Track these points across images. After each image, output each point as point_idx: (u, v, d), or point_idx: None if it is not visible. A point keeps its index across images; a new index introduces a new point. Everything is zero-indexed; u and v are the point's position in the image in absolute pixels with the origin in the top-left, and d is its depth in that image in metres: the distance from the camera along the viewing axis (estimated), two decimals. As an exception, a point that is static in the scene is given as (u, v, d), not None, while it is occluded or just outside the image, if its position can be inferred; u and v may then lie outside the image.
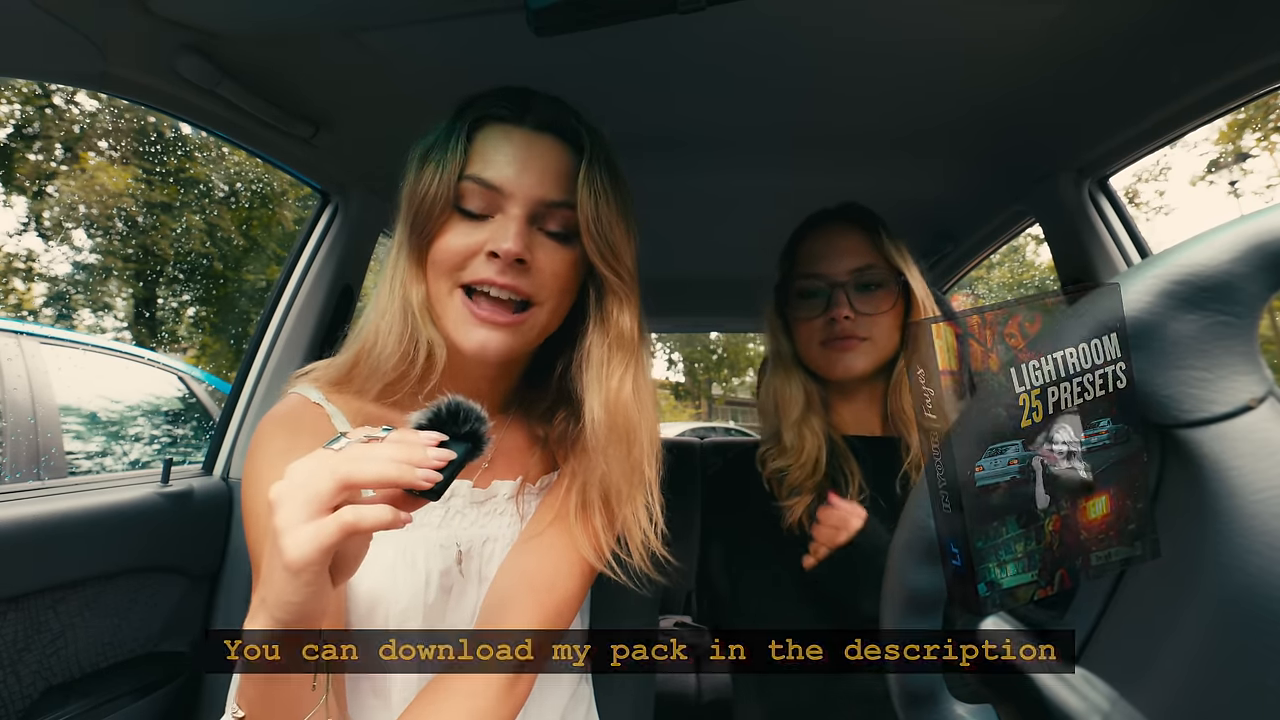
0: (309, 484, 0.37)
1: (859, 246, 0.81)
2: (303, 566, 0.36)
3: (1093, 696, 0.26)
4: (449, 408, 0.43)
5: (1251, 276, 0.25)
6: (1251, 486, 0.23)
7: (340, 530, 0.36)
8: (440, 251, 0.56)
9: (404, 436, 0.41)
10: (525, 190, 0.56)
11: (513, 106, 0.58)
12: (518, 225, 0.55)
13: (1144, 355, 0.26)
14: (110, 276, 10.73)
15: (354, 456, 0.38)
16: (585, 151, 0.58)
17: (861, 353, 0.79)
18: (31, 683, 0.74)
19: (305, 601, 0.37)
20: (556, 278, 0.57)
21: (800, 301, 0.84)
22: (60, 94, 9.41)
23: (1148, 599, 0.27)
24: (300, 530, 0.36)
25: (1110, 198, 1.03)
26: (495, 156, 0.56)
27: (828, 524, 0.72)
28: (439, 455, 0.39)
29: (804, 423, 0.82)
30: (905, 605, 0.31)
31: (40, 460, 1.72)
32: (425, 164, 0.57)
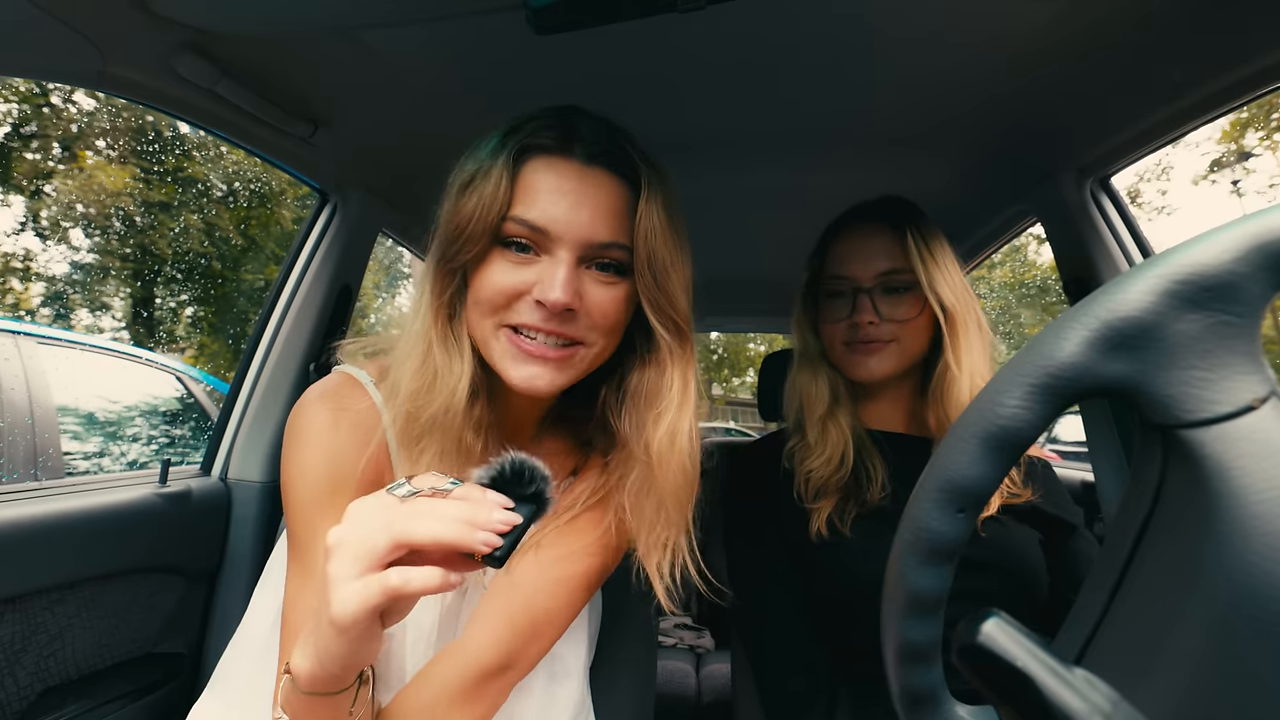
0: (364, 538, 0.36)
1: (888, 249, 0.79)
2: (349, 625, 0.35)
3: (1094, 698, 0.26)
4: (514, 467, 0.41)
5: (1254, 276, 0.25)
6: (1254, 487, 0.23)
7: (384, 593, 0.35)
8: (484, 289, 0.53)
9: (469, 494, 0.39)
10: (574, 232, 0.52)
11: (560, 135, 0.54)
12: (566, 272, 0.51)
13: (1145, 355, 0.26)
14: (108, 276, 10.71)
15: (414, 513, 0.37)
16: (642, 188, 0.54)
17: (886, 356, 0.78)
18: (28, 684, 0.74)
19: (349, 655, 0.37)
20: (606, 318, 0.55)
21: (826, 302, 0.84)
22: (58, 93, 9.39)
23: (1149, 600, 0.27)
24: (348, 586, 0.35)
25: (1112, 197, 1.02)
26: (541, 194, 0.52)
27: None
28: (504, 519, 0.38)
29: (829, 418, 0.81)
30: (906, 606, 0.31)
31: (38, 461, 1.71)
32: (466, 194, 0.53)
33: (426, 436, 0.53)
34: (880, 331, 0.78)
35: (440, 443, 0.53)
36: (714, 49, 0.76)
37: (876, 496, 0.76)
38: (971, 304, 0.78)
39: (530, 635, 0.55)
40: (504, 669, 0.53)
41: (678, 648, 1.79)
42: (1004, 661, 0.27)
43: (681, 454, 0.57)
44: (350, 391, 0.58)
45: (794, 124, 0.95)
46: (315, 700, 0.42)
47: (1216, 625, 0.23)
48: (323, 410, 0.56)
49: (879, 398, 0.85)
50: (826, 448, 0.79)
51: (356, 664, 0.39)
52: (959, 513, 0.29)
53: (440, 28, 0.71)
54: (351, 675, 0.41)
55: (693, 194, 1.21)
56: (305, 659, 0.40)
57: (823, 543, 0.74)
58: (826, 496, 0.76)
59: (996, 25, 0.71)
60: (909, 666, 0.31)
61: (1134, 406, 0.27)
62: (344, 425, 0.55)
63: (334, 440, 0.54)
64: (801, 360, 0.86)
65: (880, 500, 0.75)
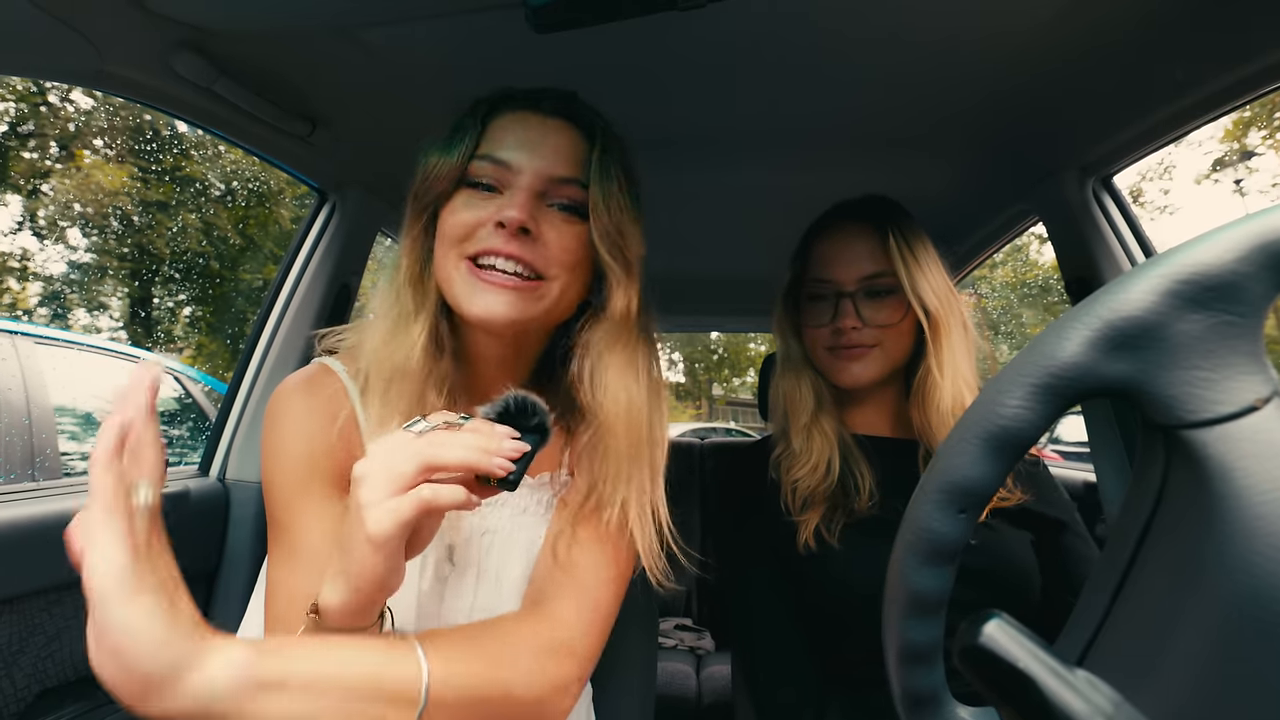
0: (392, 464, 0.39)
1: (870, 251, 0.77)
2: (384, 540, 0.38)
3: (1096, 699, 0.26)
4: (516, 402, 0.45)
5: (1256, 276, 0.25)
6: (1257, 488, 0.23)
7: (418, 506, 0.39)
8: (448, 225, 0.57)
9: (480, 426, 0.43)
10: (534, 166, 0.56)
11: (527, 94, 0.60)
12: (524, 196, 0.55)
13: (1148, 355, 0.26)
14: (106, 276, 10.69)
15: (436, 441, 0.41)
16: (598, 138, 0.59)
17: (870, 361, 0.77)
18: (26, 685, 0.73)
19: (385, 573, 0.40)
20: (566, 251, 0.57)
21: (809, 305, 0.82)
22: (55, 91, 9.37)
23: (1152, 601, 0.26)
24: (382, 506, 0.38)
25: (1114, 196, 1.02)
26: (508, 137, 0.57)
27: None
28: (514, 446, 0.42)
29: (814, 425, 0.80)
30: (907, 607, 0.31)
31: (35, 461, 1.71)
32: (436, 148, 0.58)
33: (395, 385, 0.55)
34: (864, 336, 0.76)
35: (410, 392, 0.55)
36: (714, 48, 0.76)
37: (865, 505, 0.74)
38: (955, 306, 0.77)
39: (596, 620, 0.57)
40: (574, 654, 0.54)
41: (678, 649, 1.79)
42: (1005, 663, 0.26)
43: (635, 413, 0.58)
44: (324, 379, 0.60)
45: (794, 123, 0.95)
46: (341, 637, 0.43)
47: (1219, 626, 0.23)
48: (297, 398, 0.58)
49: (864, 402, 0.84)
50: (812, 455, 0.77)
51: (388, 586, 0.41)
52: (960, 513, 0.29)
53: (438, 25, 0.71)
54: (381, 602, 0.43)
55: (692, 193, 1.22)
56: (336, 591, 0.41)
57: (810, 555, 0.73)
58: (813, 507, 0.75)
59: (998, 23, 0.71)
60: (910, 668, 0.31)
61: (1136, 407, 0.27)
62: (317, 410, 0.57)
63: (309, 424, 0.56)
64: (784, 365, 0.85)
65: (868, 509, 0.74)
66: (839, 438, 0.79)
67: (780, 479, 0.79)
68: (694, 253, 1.57)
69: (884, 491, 0.75)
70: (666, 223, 1.36)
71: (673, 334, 8.54)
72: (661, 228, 1.39)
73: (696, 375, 27.15)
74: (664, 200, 1.23)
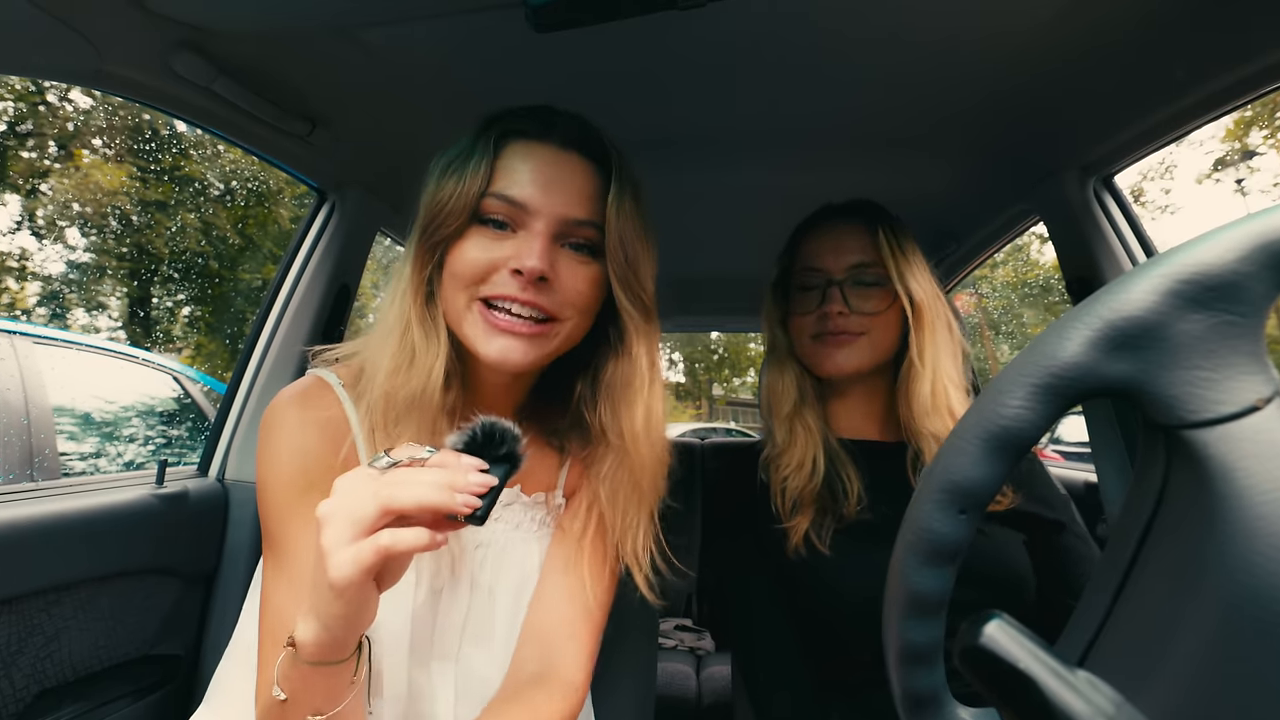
0: (354, 507, 0.38)
1: (860, 244, 0.79)
2: (345, 586, 0.38)
3: (1097, 700, 0.26)
4: (485, 430, 0.43)
5: (1258, 276, 0.24)
6: (1258, 488, 0.23)
7: (377, 554, 0.38)
8: (459, 263, 0.55)
9: (446, 460, 0.41)
10: (551, 208, 0.55)
11: (537, 123, 0.58)
12: (542, 243, 0.54)
13: (1149, 355, 0.26)
14: (104, 275, 10.68)
15: (397, 481, 0.39)
16: (613, 172, 0.58)
17: (854, 349, 0.77)
18: (25, 686, 0.73)
19: (350, 615, 0.40)
20: (580, 295, 0.57)
21: (797, 295, 0.83)
22: (54, 91, 9.35)
23: (1153, 602, 0.26)
24: (343, 552, 0.38)
25: (1115, 196, 1.01)
26: (520, 173, 0.55)
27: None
28: (481, 481, 0.40)
29: (796, 418, 0.80)
30: (908, 607, 0.31)
31: (34, 461, 1.71)
32: (447, 176, 0.56)
33: (404, 419, 0.55)
34: (849, 324, 0.77)
35: (416, 426, 0.55)
36: (714, 48, 0.76)
37: (853, 510, 0.74)
38: (942, 309, 0.78)
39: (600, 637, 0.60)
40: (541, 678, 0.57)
41: (678, 649, 1.79)
42: (1006, 663, 0.26)
43: (655, 441, 0.61)
44: (319, 393, 0.60)
45: (795, 123, 0.95)
46: (319, 671, 0.42)
47: (1220, 627, 0.23)
48: (291, 411, 0.57)
49: (849, 400, 0.83)
50: (795, 451, 0.77)
51: (358, 626, 0.41)
52: (960, 514, 0.29)
53: (438, 25, 0.71)
54: (353, 640, 0.43)
55: (693, 193, 1.21)
56: (309, 629, 0.41)
57: (801, 560, 0.73)
58: (802, 511, 0.75)
59: (998, 22, 0.71)
60: (911, 668, 0.31)
61: (1137, 407, 0.27)
62: (312, 425, 0.57)
63: (302, 439, 0.56)
64: (769, 357, 0.86)
65: (857, 514, 0.74)
66: (823, 438, 0.79)
67: (770, 480, 0.79)
68: (694, 253, 1.57)
69: (872, 496, 0.75)
70: (667, 223, 1.35)
71: (673, 334, 8.51)
72: (662, 228, 1.38)
73: (696, 375, 27.15)
74: (664, 200, 1.23)
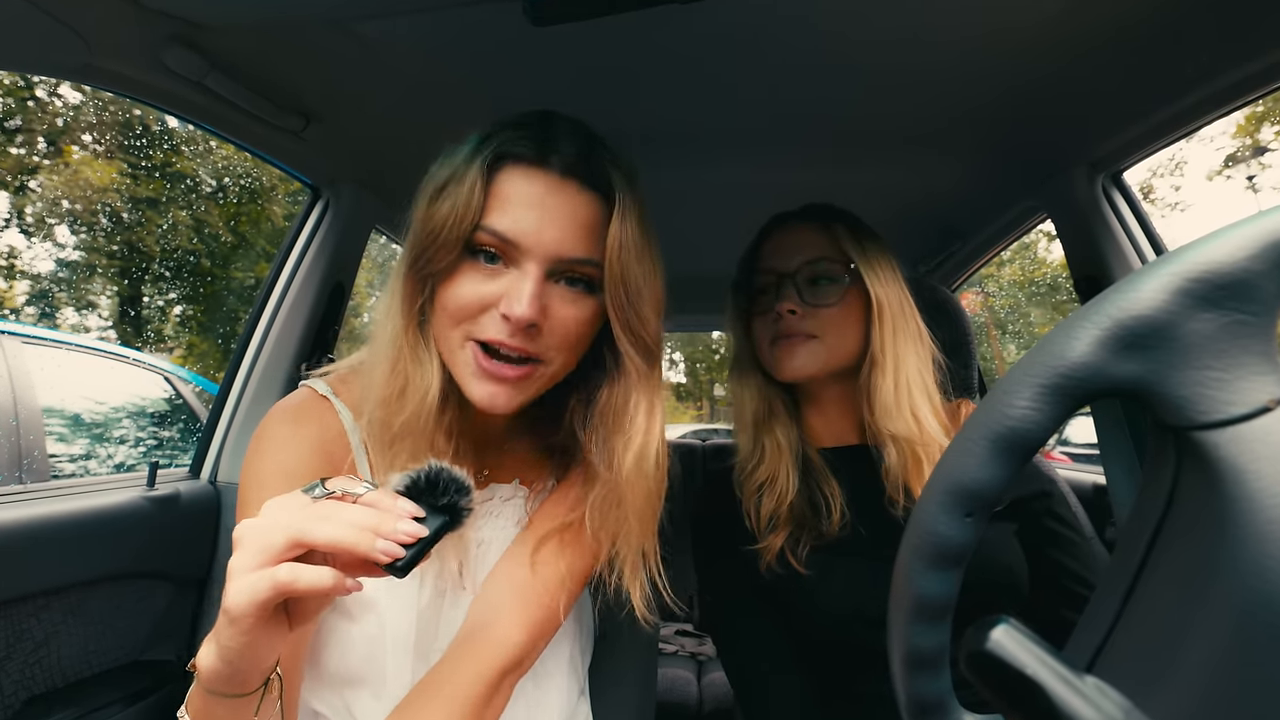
0: (265, 533, 0.36)
1: (814, 241, 0.77)
2: (238, 616, 0.35)
3: (1106, 706, 0.25)
4: (429, 476, 0.40)
5: (1269, 274, 0.24)
6: (1270, 490, 0.23)
7: (273, 588, 0.35)
8: (451, 299, 0.53)
9: (378, 502, 0.38)
10: (544, 246, 0.51)
11: (536, 144, 0.53)
12: (533, 286, 0.51)
13: (1159, 355, 0.25)
14: (95, 274, 10.57)
15: (316, 515, 0.37)
16: (615, 204, 0.53)
17: (809, 351, 0.74)
18: (13, 693, 0.72)
19: (243, 649, 0.36)
20: (568, 335, 0.54)
21: (756, 297, 0.81)
22: (43, 86, 9.24)
23: (1162, 606, 0.26)
24: (241, 579, 0.35)
25: (1124, 193, 1.00)
26: (514, 205, 0.51)
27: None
28: (409, 530, 0.37)
29: (761, 428, 0.77)
30: (913, 612, 0.30)
31: (23, 463, 1.68)
32: (440, 200, 0.52)
33: (399, 442, 0.54)
34: (803, 324, 0.74)
35: (413, 448, 0.53)
36: (720, 44, 0.75)
37: (835, 527, 0.71)
38: (909, 310, 0.76)
39: (541, 634, 0.57)
40: (518, 666, 0.54)
41: (679, 655, 1.78)
42: (1013, 669, 0.26)
43: (647, 476, 0.57)
44: (314, 407, 0.58)
45: (800, 121, 0.94)
46: (219, 702, 0.40)
47: (1232, 632, 0.23)
48: (283, 427, 0.56)
49: (824, 408, 0.80)
50: (764, 465, 0.75)
51: (255, 661, 0.38)
52: (967, 516, 0.29)
53: (433, 18, 0.70)
54: (253, 676, 0.39)
55: (696, 191, 1.21)
56: (208, 654, 0.38)
57: (775, 578, 0.71)
58: (779, 528, 0.72)
59: (1005, 18, 0.70)
60: (916, 673, 0.31)
61: (1147, 407, 0.26)
62: (304, 441, 0.55)
63: (289, 456, 0.54)
64: (733, 364, 0.84)
65: (840, 532, 0.71)
66: (798, 452, 0.76)
67: (742, 497, 0.76)
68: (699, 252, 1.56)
69: (856, 507, 0.73)
70: (671, 222, 1.34)
71: (674, 334, 8.52)
72: (666, 227, 1.37)
73: (698, 375, 27.15)
74: (669, 199, 1.22)
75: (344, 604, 0.55)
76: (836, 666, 0.71)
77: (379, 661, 0.55)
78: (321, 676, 0.56)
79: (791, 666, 0.72)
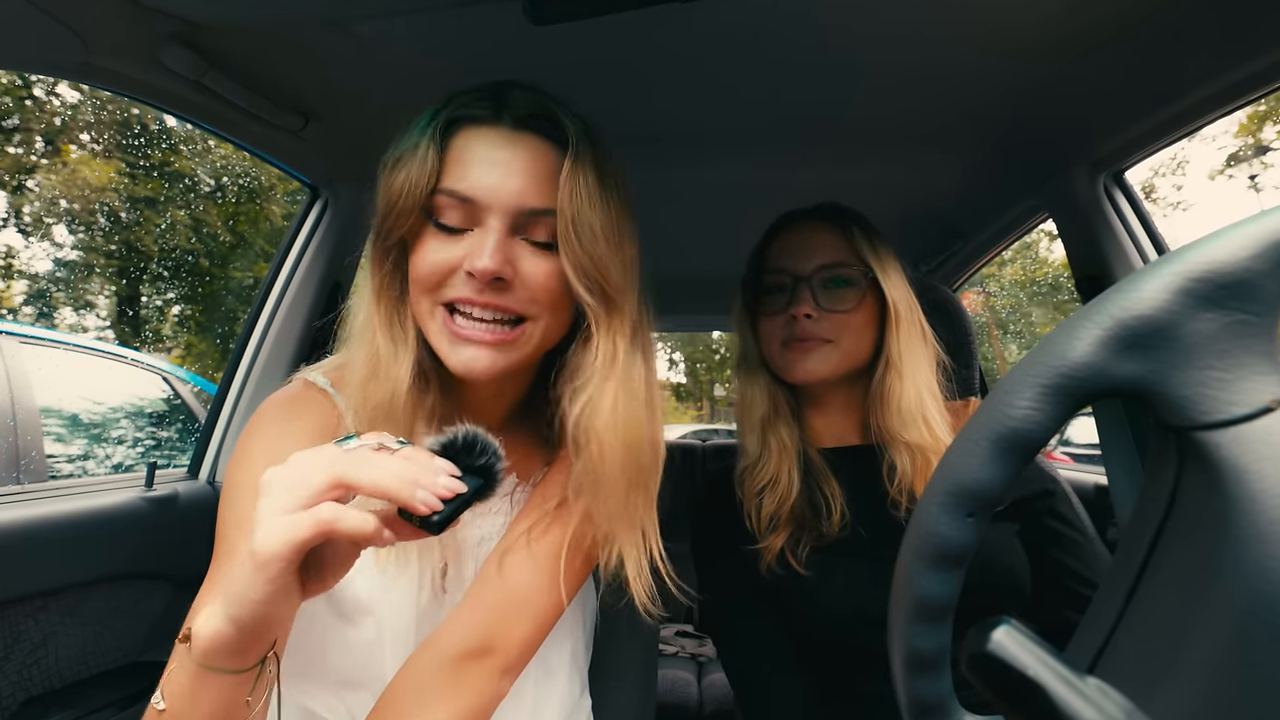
0: (302, 475, 0.35)
1: (830, 243, 0.77)
2: (270, 559, 0.33)
3: (1107, 707, 0.25)
4: (466, 438, 0.40)
5: (1271, 274, 0.24)
6: (1272, 491, 0.23)
7: (315, 526, 0.33)
8: (418, 268, 0.52)
9: (416, 455, 0.38)
10: (504, 200, 0.50)
11: (488, 104, 0.52)
12: (495, 239, 0.50)
13: (1160, 355, 0.25)
14: (92, 274, 10.55)
15: (357, 459, 0.36)
16: (570, 148, 0.52)
17: (823, 355, 0.74)
18: (10, 694, 0.72)
19: (264, 601, 0.34)
20: (547, 290, 0.52)
21: (765, 297, 0.80)
22: (41, 85, 9.22)
23: (1164, 607, 0.26)
24: (276, 520, 0.34)
25: (1126, 192, 1.00)
26: (470, 165, 0.51)
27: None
28: (448, 485, 0.37)
29: (768, 428, 0.76)
30: (914, 613, 0.30)
31: (20, 464, 1.68)
32: (396, 171, 0.52)
33: (376, 426, 0.52)
34: (818, 328, 0.74)
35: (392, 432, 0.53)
36: (720, 43, 0.75)
37: (835, 528, 0.71)
38: (917, 314, 0.76)
39: (506, 613, 0.53)
40: (483, 651, 0.51)
41: (679, 656, 1.78)
42: (1014, 670, 0.26)
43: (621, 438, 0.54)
44: (311, 398, 0.58)
45: (801, 120, 0.94)
46: (210, 677, 0.37)
47: (1234, 633, 0.23)
48: (276, 418, 0.55)
49: (828, 409, 0.80)
50: (769, 464, 0.74)
51: (266, 623, 0.36)
52: (968, 517, 0.29)
53: (432, 18, 0.70)
54: (257, 646, 0.37)
55: (696, 190, 1.20)
56: (211, 617, 0.36)
57: (776, 579, 0.70)
58: (780, 529, 0.71)
59: (1006, 17, 0.70)
60: (917, 675, 0.31)
61: (1148, 408, 0.26)
62: (300, 434, 0.54)
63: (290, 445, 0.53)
64: (739, 365, 0.83)
65: (840, 532, 0.71)
66: (799, 451, 0.76)
67: (744, 497, 0.76)
68: (699, 251, 1.56)
69: (855, 507, 0.72)
70: (672, 221, 1.35)
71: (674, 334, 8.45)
72: (667, 226, 1.38)
73: (698, 376, 27.15)
74: (671, 198, 1.22)
75: (343, 606, 0.55)
76: (837, 667, 0.71)
77: (378, 663, 0.55)
78: (321, 679, 0.56)
79: (792, 667, 0.71)
